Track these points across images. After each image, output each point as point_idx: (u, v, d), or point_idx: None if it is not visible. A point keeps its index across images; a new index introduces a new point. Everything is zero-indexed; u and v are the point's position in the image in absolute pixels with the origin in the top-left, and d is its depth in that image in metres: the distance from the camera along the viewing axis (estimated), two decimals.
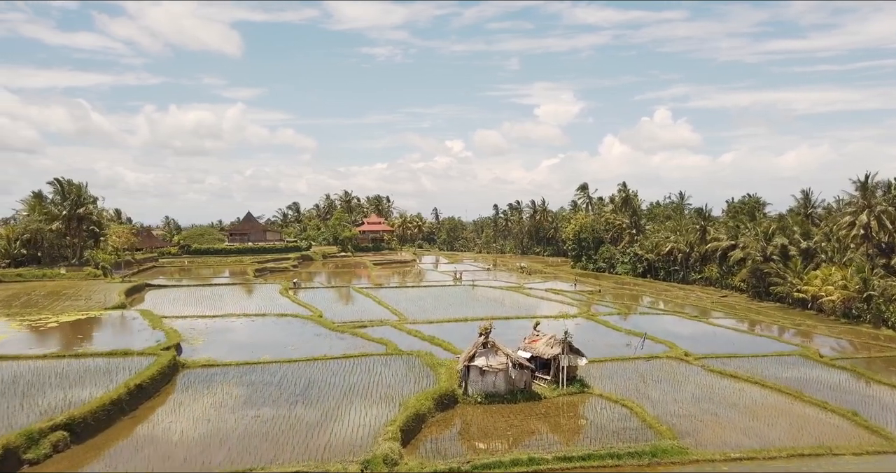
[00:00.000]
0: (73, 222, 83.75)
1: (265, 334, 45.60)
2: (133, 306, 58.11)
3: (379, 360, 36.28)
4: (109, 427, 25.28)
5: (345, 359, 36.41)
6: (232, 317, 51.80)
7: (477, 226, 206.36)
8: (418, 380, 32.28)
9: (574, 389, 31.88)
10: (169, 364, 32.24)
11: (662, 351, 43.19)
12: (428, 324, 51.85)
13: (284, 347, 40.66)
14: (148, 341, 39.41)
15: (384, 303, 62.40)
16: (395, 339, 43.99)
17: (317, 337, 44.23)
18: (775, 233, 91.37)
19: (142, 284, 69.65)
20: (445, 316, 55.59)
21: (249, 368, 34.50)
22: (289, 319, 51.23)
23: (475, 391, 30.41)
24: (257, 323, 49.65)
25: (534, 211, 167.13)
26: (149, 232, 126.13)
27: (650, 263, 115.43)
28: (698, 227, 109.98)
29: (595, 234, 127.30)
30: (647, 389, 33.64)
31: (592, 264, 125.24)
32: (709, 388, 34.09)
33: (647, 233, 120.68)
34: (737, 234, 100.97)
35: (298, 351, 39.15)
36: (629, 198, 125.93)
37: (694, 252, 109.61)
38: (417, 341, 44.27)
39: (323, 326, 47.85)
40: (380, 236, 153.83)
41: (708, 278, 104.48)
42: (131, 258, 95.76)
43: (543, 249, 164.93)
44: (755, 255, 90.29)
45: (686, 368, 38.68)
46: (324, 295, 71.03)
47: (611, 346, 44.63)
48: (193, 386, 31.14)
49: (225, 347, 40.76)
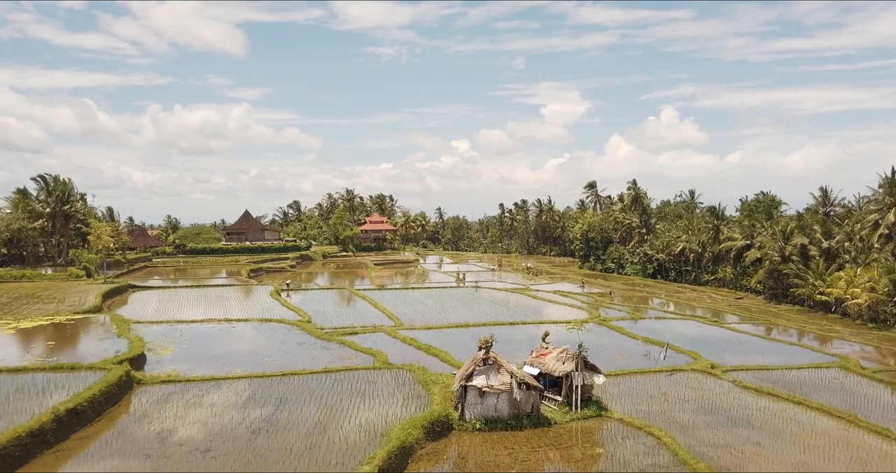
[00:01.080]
0: (59, 220, 79.20)
1: (244, 342, 40.80)
2: (110, 310, 53.49)
3: (364, 376, 31.34)
4: (25, 466, 20.48)
5: (325, 374, 31.50)
6: (212, 323, 47.00)
7: (482, 226, 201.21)
8: (407, 402, 27.35)
9: (590, 412, 26.89)
10: (118, 381, 27.42)
11: (686, 362, 38.20)
12: (426, 331, 46.99)
13: (261, 358, 35.81)
14: (107, 352, 34.62)
15: (380, 307, 57.59)
16: (388, 348, 39.13)
17: (300, 346, 39.32)
18: (793, 232, 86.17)
19: (125, 285, 64.94)
20: (445, 322, 50.75)
21: (215, 384, 29.66)
22: (273, 325, 46.37)
23: (473, 415, 25.48)
24: (238, 330, 44.82)
25: (540, 210, 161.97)
26: (143, 230, 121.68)
27: (661, 263, 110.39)
28: (711, 227, 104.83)
29: (603, 234, 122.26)
30: (673, 411, 28.67)
31: (601, 264, 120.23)
32: (745, 409, 29.06)
33: (657, 232, 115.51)
34: (752, 234, 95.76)
35: (276, 364, 34.31)
36: (639, 196, 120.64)
37: (706, 252, 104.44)
38: (412, 350, 39.44)
39: (308, 333, 42.97)
40: (382, 235, 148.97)
41: (721, 279, 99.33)
42: (122, 258, 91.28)
43: (550, 249, 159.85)
44: (773, 256, 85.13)
45: (715, 384, 33.67)
46: (317, 297, 66.25)
47: (627, 356, 39.69)
48: (144, 409, 26.32)
49: (195, 358, 35.98)
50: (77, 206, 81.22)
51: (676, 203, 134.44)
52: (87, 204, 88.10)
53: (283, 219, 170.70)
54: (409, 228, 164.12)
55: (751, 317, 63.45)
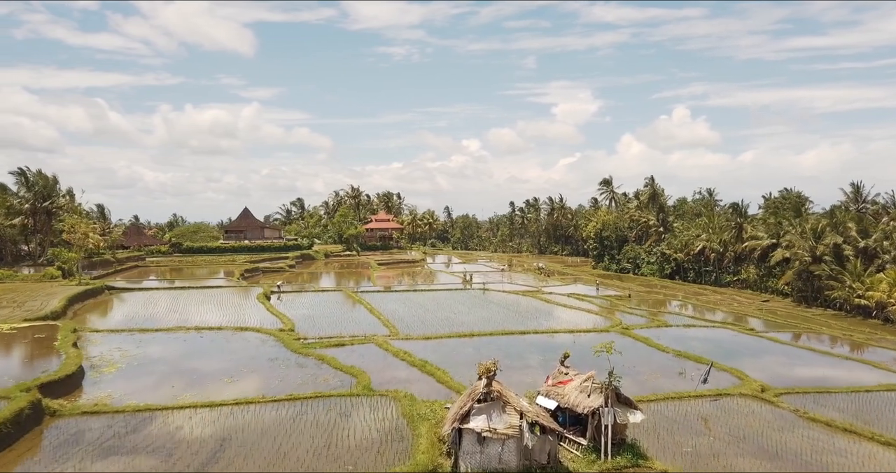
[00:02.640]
0: (40, 217, 73.19)
1: (207, 357, 34.35)
2: (76, 315, 47.48)
3: (336, 405, 24.77)
4: None
5: (289, 403, 24.94)
6: (181, 331, 40.67)
7: (492, 225, 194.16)
8: (384, 446, 20.77)
9: (624, 461, 20.17)
10: (15, 416, 21.06)
11: (730, 383, 31.43)
12: (424, 341, 40.48)
13: (219, 379, 29.41)
14: (34, 371, 28.35)
15: (376, 312, 51.11)
16: (375, 365, 32.70)
17: (270, 363, 32.83)
18: (824, 230, 78.93)
19: (100, 287, 58.78)
20: (447, 330, 44.21)
21: (149, 417, 23.23)
22: (248, 335, 39.91)
23: (471, 468, 18.90)
24: (206, 341, 38.39)
25: (552, 208, 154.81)
26: (139, 229, 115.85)
27: (678, 263, 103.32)
28: (733, 225, 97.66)
29: (618, 232, 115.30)
30: (727, 454, 21.94)
31: (615, 264, 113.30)
32: (821, 452, 22.28)
33: (674, 231, 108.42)
34: (778, 232, 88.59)
35: (233, 387, 27.91)
36: (657, 193, 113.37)
37: (728, 251, 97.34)
38: (404, 367, 32.91)
39: (285, 346, 36.46)
40: (388, 234, 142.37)
41: (745, 280, 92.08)
42: (112, 257, 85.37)
43: (562, 248, 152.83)
44: (803, 255, 77.89)
45: (772, 413, 26.90)
46: (310, 300, 59.83)
47: (659, 374, 32.98)
48: (47, 454, 19.96)
49: (143, 377, 29.66)
50: (60, 202, 75.26)
51: (695, 200, 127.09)
52: (74, 200, 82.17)
53: (286, 216, 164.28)
54: (415, 227, 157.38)
55: (787, 324, 56.51)
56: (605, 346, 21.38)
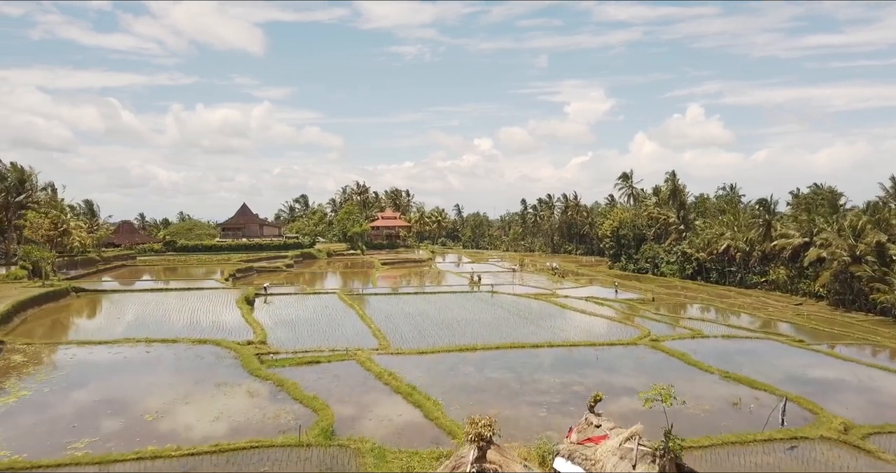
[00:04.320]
0: (14, 212, 66.75)
1: (140, 381, 27.18)
2: (22, 322, 40.86)
3: (275, 462, 17.67)
4: None
5: (213, 457, 17.86)
6: (126, 345, 33.75)
7: (504, 223, 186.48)
8: None
9: None
10: None
11: (801, 418, 24.06)
12: (418, 356, 33.42)
13: (140, 416, 22.37)
14: None
15: (367, 319, 44.07)
16: (349, 392, 25.67)
17: (217, 388, 25.72)
18: (865, 227, 71.05)
19: (65, 289, 52.13)
20: (446, 342, 37.07)
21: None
22: (204, 350, 32.86)
23: None
24: (151, 357, 31.39)
25: (566, 206, 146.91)
26: (132, 226, 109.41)
27: (700, 263, 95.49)
28: (761, 222, 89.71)
29: (636, 230, 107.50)
30: None
31: (633, 264, 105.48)
32: None
33: (696, 229, 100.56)
34: (811, 230, 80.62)
35: (150, 429, 20.89)
36: (678, 189, 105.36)
37: (755, 250, 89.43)
38: (386, 394, 25.78)
39: (243, 365, 29.33)
40: (395, 232, 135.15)
41: (773, 281, 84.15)
42: (97, 255, 78.96)
43: (576, 247, 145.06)
44: (841, 255, 70.00)
45: (869, 466, 19.59)
46: (297, 304, 52.89)
47: (707, 406, 25.55)
48: None
49: (44, 413, 22.71)
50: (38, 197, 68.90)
51: (719, 196, 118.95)
52: (55, 195, 75.84)
53: (289, 214, 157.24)
54: (423, 225, 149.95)
55: (836, 333, 48.85)
56: (661, 391, 14.08)
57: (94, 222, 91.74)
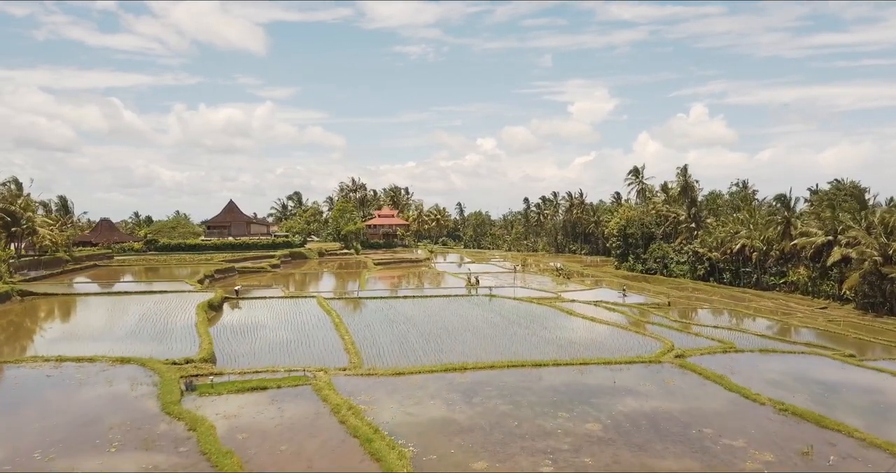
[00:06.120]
0: None
1: (16, 421, 20.39)
2: None
3: None
4: None
5: None
6: (27, 365, 26.94)
7: (506, 222, 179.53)
8: None
9: None
10: None
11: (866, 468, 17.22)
12: (393, 377, 26.60)
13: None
14: None
15: (343, 328, 37.28)
16: (289, 437, 18.86)
17: (109, 432, 18.87)
18: None
19: (4, 293, 45.42)
20: (430, 359, 30.37)
21: None
22: (123, 372, 25.88)
23: None
24: (48, 382, 24.44)
25: (570, 204, 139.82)
26: (111, 224, 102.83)
27: (713, 264, 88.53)
28: (780, 220, 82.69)
29: (644, 229, 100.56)
30: None
31: (641, 264, 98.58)
32: None
33: (708, 227, 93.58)
34: (835, 228, 73.58)
35: None
36: (689, 185, 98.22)
37: (773, 250, 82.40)
38: (337, 440, 18.85)
39: (159, 396, 22.31)
40: (392, 231, 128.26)
41: (794, 283, 77.20)
42: (66, 255, 72.38)
43: (580, 247, 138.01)
44: (871, 255, 63.05)
45: None
46: (268, 310, 46.19)
47: (770, 454, 18.54)
48: None
49: None
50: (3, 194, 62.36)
51: (732, 193, 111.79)
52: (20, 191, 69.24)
53: (282, 212, 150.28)
54: (422, 223, 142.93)
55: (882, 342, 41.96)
56: None
57: (66, 219, 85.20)
